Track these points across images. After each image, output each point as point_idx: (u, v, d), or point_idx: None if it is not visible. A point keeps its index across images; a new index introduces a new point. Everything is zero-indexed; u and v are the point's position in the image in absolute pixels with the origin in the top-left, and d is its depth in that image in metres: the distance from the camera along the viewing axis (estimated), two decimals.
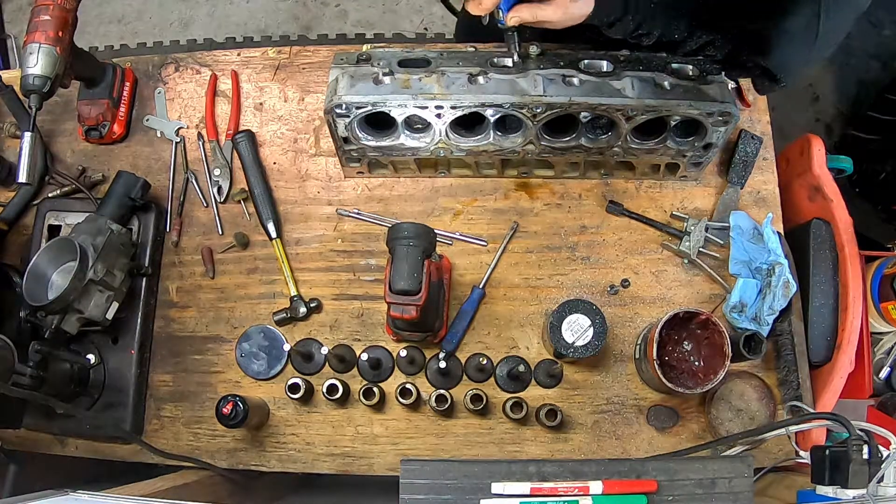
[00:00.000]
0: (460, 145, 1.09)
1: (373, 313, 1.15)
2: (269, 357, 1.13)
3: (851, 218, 1.13)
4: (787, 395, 1.09)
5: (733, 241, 1.12)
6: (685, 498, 0.72)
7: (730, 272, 1.12)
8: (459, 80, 1.02)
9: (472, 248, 1.17)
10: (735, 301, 1.09)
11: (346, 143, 1.10)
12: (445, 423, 1.11)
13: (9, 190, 1.22)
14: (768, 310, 1.07)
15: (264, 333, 1.14)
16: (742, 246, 1.12)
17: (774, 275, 1.07)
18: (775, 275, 1.07)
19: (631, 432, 1.10)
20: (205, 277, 1.18)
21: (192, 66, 1.28)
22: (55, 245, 1.03)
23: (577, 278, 1.16)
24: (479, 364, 1.10)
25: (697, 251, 1.13)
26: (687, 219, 1.15)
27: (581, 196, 1.19)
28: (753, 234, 1.12)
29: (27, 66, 1.01)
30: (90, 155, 1.24)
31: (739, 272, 1.11)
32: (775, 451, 1.08)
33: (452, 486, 0.72)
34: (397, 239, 0.94)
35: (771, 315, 1.07)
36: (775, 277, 1.07)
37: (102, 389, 1.10)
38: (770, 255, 1.09)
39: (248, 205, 1.20)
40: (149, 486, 1.00)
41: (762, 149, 1.20)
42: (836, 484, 0.82)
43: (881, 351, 1.28)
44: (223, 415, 0.99)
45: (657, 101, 1.00)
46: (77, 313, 1.01)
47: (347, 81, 1.02)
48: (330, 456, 1.11)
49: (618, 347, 1.13)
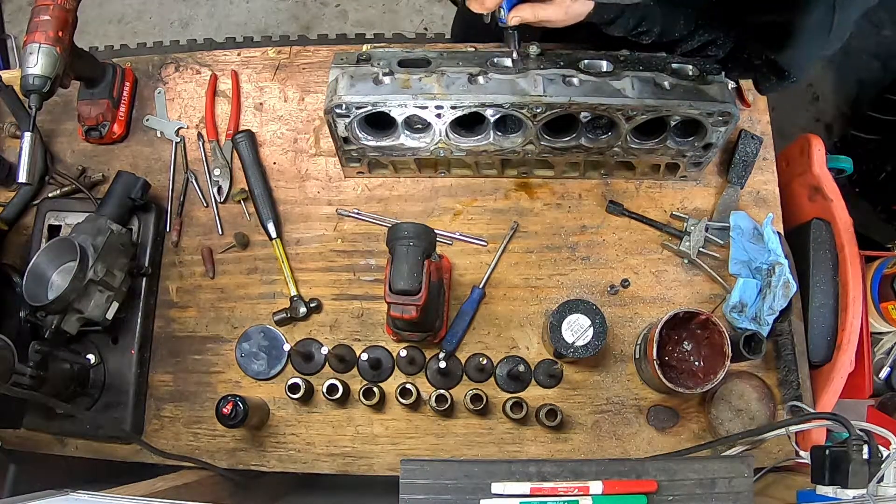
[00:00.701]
0: (460, 145, 1.09)
1: (373, 313, 1.15)
2: (269, 357, 1.13)
3: (851, 218, 1.13)
4: (787, 395, 1.09)
5: (733, 241, 1.12)
6: (685, 498, 0.72)
7: (730, 272, 1.12)
8: (459, 80, 1.02)
9: (472, 248, 1.17)
10: (735, 301, 1.09)
11: (346, 143, 1.10)
12: (445, 423, 1.11)
13: (9, 190, 1.22)
14: (768, 310, 1.07)
15: (264, 333, 1.14)
16: (742, 246, 1.12)
17: (774, 275, 1.07)
18: (775, 275, 1.07)
19: (631, 432, 1.10)
20: (205, 277, 1.18)
21: (192, 66, 1.28)
22: (55, 245, 1.03)
23: (577, 278, 1.16)
24: (479, 364, 1.10)
25: (697, 251, 1.13)
26: (687, 219, 1.15)
27: (581, 196, 1.19)
28: (753, 235, 1.12)
29: (27, 66, 1.00)
30: (90, 155, 1.24)
31: (739, 272, 1.11)
32: (775, 451, 1.08)
33: (452, 486, 0.72)
34: (397, 239, 0.94)
35: (771, 315, 1.07)
36: (775, 277, 1.07)
37: (102, 389, 1.10)
38: (770, 256, 1.09)
39: (248, 205, 1.20)
40: (149, 486, 1.00)
41: (762, 149, 1.20)
42: (836, 484, 0.81)
43: (881, 351, 1.28)
44: (223, 415, 0.99)
45: (657, 101, 1.00)
46: (77, 313, 1.01)
47: (347, 81, 1.02)
48: (330, 456, 1.11)
49: (618, 347, 1.13)
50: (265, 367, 1.13)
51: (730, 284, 1.13)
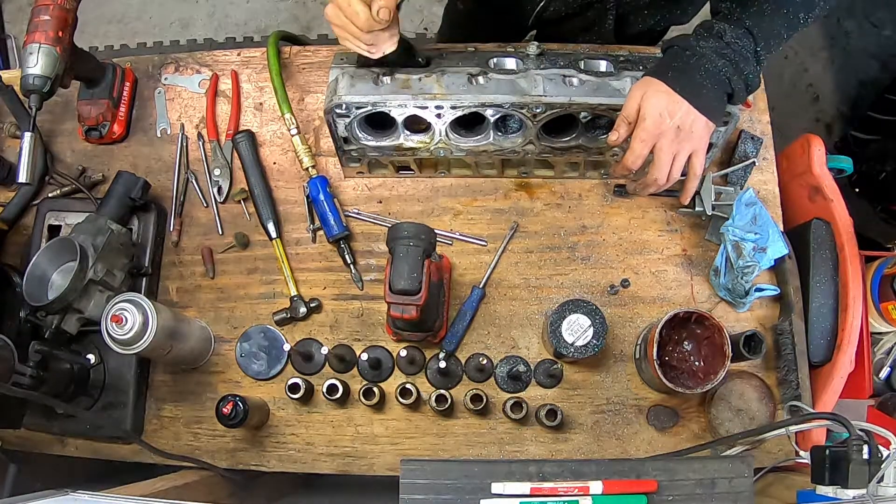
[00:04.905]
0: (460, 145, 1.09)
1: (373, 313, 1.15)
2: (269, 357, 1.13)
3: (851, 218, 1.13)
4: (787, 395, 1.09)
5: (735, 207, 1.10)
6: (685, 498, 0.72)
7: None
8: (459, 80, 1.02)
9: (472, 248, 1.17)
10: (716, 264, 1.12)
11: (346, 143, 1.10)
12: (445, 423, 1.11)
13: (9, 190, 1.22)
14: (733, 282, 1.09)
15: (264, 333, 1.14)
16: (737, 214, 1.11)
17: (743, 253, 1.08)
18: (744, 253, 1.08)
19: (631, 432, 1.10)
20: (205, 277, 1.18)
21: (192, 66, 1.28)
22: (55, 245, 1.03)
23: (577, 278, 1.16)
24: (479, 364, 1.10)
25: (712, 205, 1.12)
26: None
27: (581, 196, 1.19)
28: (751, 215, 1.12)
29: (27, 66, 1.01)
30: (90, 155, 1.24)
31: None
32: (775, 451, 1.08)
33: (452, 486, 0.72)
34: (397, 239, 0.94)
35: (742, 291, 1.09)
36: (742, 258, 1.08)
37: (102, 389, 1.09)
38: (753, 235, 1.09)
39: (248, 205, 1.20)
40: (149, 486, 1.00)
41: (762, 149, 1.20)
42: (836, 484, 0.81)
43: (881, 351, 1.28)
44: (223, 415, 0.99)
45: None
46: (77, 313, 1.01)
47: (347, 81, 1.02)
48: (330, 456, 1.11)
49: (618, 347, 1.13)
50: (265, 367, 1.13)
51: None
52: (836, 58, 2.30)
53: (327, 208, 1.13)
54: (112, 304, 0.94)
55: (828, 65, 2.30)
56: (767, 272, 1.13)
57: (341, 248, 1.15)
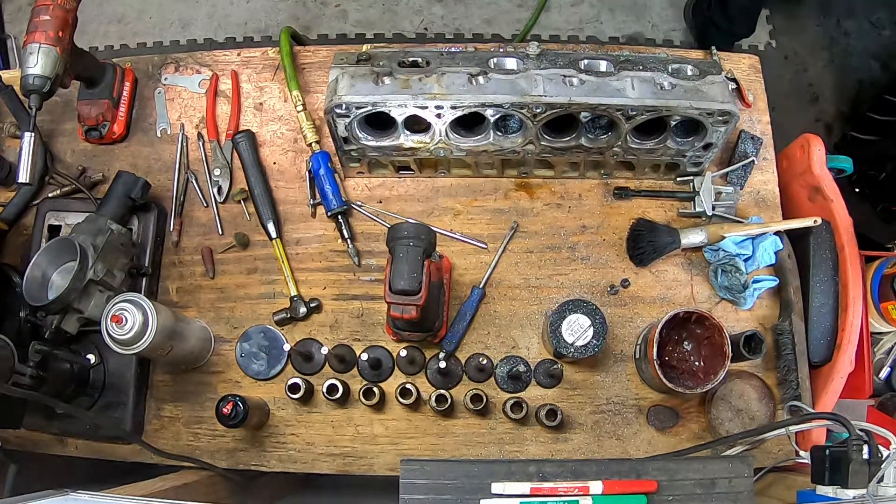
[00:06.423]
0: (460, 145, 1.09)
1: (373, 313, 1.15)
2: (269, 357, 1.13)
3: (851, 218, 1.13)
4: (787, 395, 1.09)
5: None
6: (685, 498, 0.72)
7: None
8: (459, 80, 1.02)
9: (472, 248, 1.17)
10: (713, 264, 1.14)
11: (346, 143, 1.10)
12: (445, 423, 1.11)
13: (9, 190, 1.22)
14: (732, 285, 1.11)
15: (264, 333, 1.14)
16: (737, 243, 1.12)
17: (734, 269, 1.11)
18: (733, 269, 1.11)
19: (631, 432, 1.10)
20: (205, 277, 1.18)
21: (192, 66, 1.28)
22: (55, 245, 1.03)
23: (577, 278, 1.16)
24: (479, 364, 1.10)
25: (712, 205, 1.13)
26: (692, 179, 1.15)
27: (581, 196, 1.19)
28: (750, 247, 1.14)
29: (27, 66, 1.00)
30: (90, 155, 1.24)
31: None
32: (775, 451, 1.08)
33: (452, 486, 0.72)
34: (397, 239, 0.94)
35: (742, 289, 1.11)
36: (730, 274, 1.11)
37: (102, 389, 1.09)
38: (746, 258, 1.12)
39: (248, 205, 1.20)
40: (149, 486, 1.00)
41: (762, 149, 1.20)
42: (836, 484, 0.82)
43: (881, 351, 1.28)
44: (223, 415, 0.99)
45: (657, 101, 1.00)
46: (77, 313, 1.01)
47: (347, 81, 1.02)
48: (330, 456, 1.11)
49: (618, 347, 1.13)
50: (265, 367, 1.13)
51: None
52: (836, 58, 2.30)
53: (327, 182, 1.14)
54: (112, 304, 0.94)
55: (828, 65, 2.30)
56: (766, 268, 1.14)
57: (339, 223, 1.15)
